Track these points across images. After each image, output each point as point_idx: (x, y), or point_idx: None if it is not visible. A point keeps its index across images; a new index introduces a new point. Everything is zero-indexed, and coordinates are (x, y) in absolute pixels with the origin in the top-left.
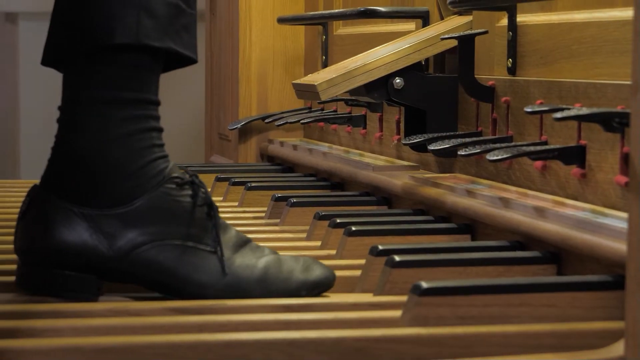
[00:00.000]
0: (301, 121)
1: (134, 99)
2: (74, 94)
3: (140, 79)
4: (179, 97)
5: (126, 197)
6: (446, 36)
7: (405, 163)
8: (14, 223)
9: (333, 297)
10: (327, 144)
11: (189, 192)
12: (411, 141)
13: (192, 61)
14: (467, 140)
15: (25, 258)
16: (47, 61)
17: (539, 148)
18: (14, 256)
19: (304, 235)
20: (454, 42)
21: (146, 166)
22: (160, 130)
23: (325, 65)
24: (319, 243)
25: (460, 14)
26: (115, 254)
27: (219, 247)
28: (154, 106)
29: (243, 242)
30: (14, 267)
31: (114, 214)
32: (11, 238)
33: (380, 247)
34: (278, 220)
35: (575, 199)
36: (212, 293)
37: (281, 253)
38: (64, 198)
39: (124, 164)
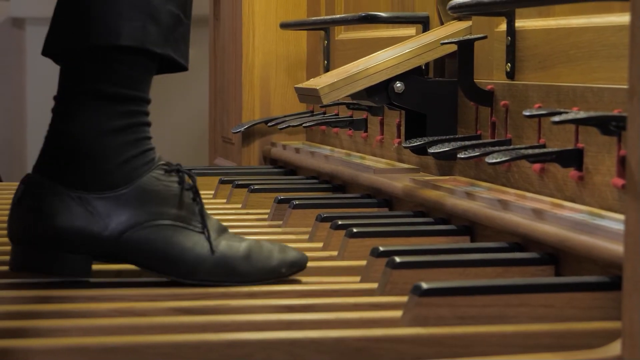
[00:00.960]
0: (303, 124)
1: (129, 96)
2: (74, 86)
3: (137, 79)
4: (184, 101)
5: (120, 181)
6: (446, 41)
7: (406, 166)
8: None
9: (334, 298)
10: (328, 147)
11: (176, 178)
12: (411, 144)
13: (183, 68)
14: (467, 143)
15: (22, 241)
16: (47, 52)
17: (537, 151)
18: None
19: (306, 236)
20: (454, 47)
21: (138, 155)
22: (150, 124)
23: (327, 69)
24: (320, 244)
25: (459, 19)
26: (110, 235)
27: (205, 228)
28: (146, 103)
29: (224, 229)
30: None
31: (108, 197)
32: None
33: (381, 249)
34: (281, 222)
35: (573, 201)
36: (202, 270)
37: None
38: (59, 183)
39: (118, 152)
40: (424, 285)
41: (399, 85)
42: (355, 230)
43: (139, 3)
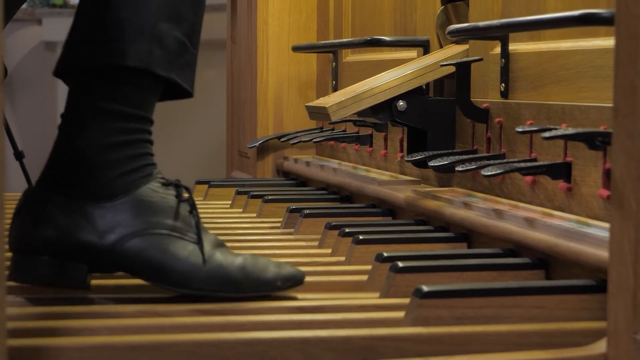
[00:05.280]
0: (313, 140)
1: (132, 114)
2: (80, 104)
3: (141, 99)
4: (203, 118)
5: (117, 192)
6: (445, 63)
7: (408, 178)
8: None
9: (342, 300)
10: (337, 161)
11: (173, 192)
12: (413, 158)
13: (188, 94)
14: (464, 157)
15: (20, 250)
16: (59, 73)
17: (529, 164)
18: None
19: (316, 243)
20: (452, 69)
21: (138, 169)
22: (152, 142)
23: (335, 89)
24: (329, 250)
25: (457, 42)
26: (106, 244)
27: (200, 239)
28: (149, 123)
29: (221, 243)
30: None
31: (105, 206)
32: None
33: (385, 254)
34: (292, 230)
35: (562, 210)
36: (196, 279)
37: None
38: (59, 192)
39: (117, 166)
40: (425, 288)
41: (401, 103)
42: (361, 237)
43: (146, 28)
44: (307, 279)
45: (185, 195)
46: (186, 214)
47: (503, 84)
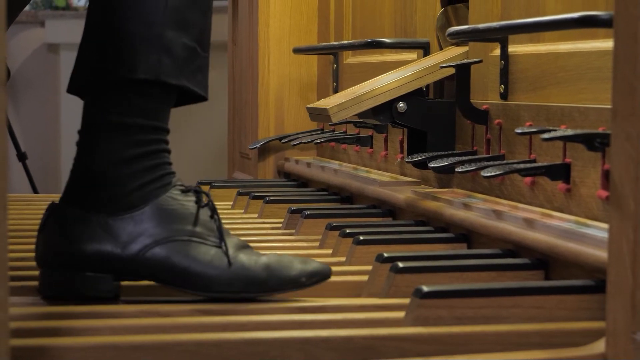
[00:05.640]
0: (314, 141)
1: (147, 126)
2: (95, 119)
3: (154, 109)
4: (205, 120)
5: (137, 203)
6: (445, 65)
7: (408, 179)
8: None
9: (343, 300)
10: (337, 162)
11: (193, 198)
12: (413, 159)
13: (203, 98)
14: (464, 158)
15: (47, 264)
16: (73, 90)
17: (528, 165)
18: None
19: (316, 244)
20: (452, 70)
21: (156, 179)
22: (169, 152)
23: (336, 91)
24: (330, 251)
25: (457, 44)
26: (129, 254)
27: (223, 242)
28: (165, 133)
29: (244, 245)
30: None
31: (126, 218)
32: None
33: (386, 255)
34: (293, 231)
35: (561, 211)
36: (220, 282)
37: None
38: (81, 207)
39: (135, 177)
40: (425, 288)
41: (401, 105)
42: (361, 238)
43: (153, 38)
44: None
45: (205, 200)
46: (207, 219)
47: (502, 86)
